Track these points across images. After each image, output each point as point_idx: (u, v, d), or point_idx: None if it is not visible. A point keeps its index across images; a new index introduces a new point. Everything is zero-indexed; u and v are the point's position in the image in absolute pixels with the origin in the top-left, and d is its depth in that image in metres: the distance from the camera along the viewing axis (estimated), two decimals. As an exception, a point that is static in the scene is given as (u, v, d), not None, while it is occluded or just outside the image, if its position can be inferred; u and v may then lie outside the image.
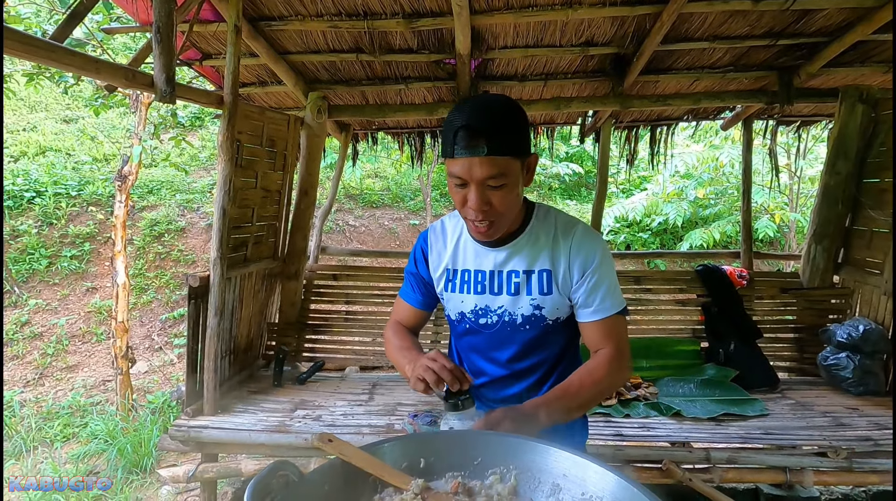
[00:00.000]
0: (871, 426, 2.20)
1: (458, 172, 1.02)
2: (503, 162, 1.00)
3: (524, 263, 1.17)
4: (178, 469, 2.34)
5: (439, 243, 1.27)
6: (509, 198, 1.06)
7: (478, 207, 1.03)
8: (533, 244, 1.17)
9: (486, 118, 1.00)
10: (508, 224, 1.14)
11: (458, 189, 1.05)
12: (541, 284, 1.17)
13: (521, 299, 1.18)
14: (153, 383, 4.54)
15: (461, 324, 1.26)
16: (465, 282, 1.23)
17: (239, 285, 2.53)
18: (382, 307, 3.15)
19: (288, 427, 2.17)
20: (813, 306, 2.96)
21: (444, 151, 1.05)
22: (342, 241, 6.87)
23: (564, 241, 1.16)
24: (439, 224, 1.30)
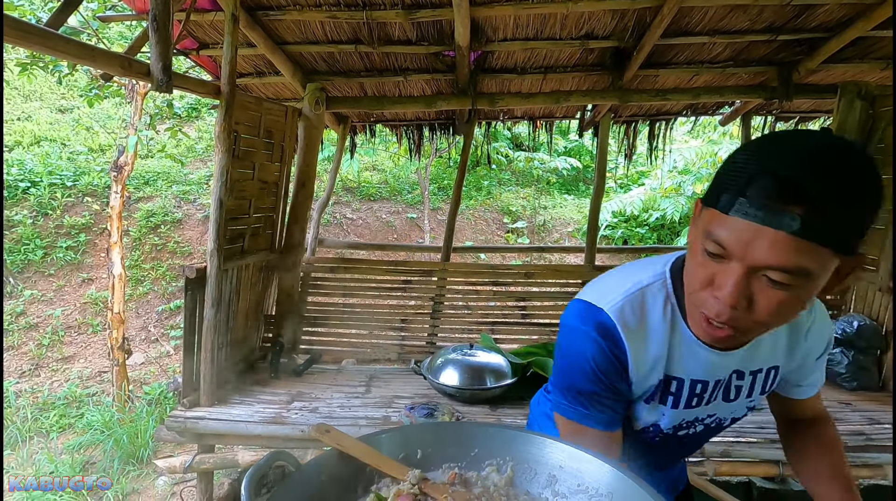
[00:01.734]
0: (863, 420, 2.22)
1: (726, 238, 0.62)
2: (816, 254, 0.59)
3: (756, 362, 0.86)
4: (175, 459, 2.35)
5: (646, 341, 0.81)
6: (789, 308, 0.65)
7: (732, 302, 0.64)
8: (771, 340, 0.85)
9: (820, 172, 0.58)
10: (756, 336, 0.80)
11: (708, 260, 0.66)
12: (764, 384, 0.90)
13: (739, 402, 0.90)
14: (149, 374, 4.54)
15: (643, 435, 0.92)
16: (671, 394, 0.86)
17: (236, 277, 2.53)
18: (380, 300, 3.15)
19: (284, 419, 2.18)
20: (808, 302, 2.97)
21: (714, 198, 0.65)
22: (339, 234, 6.85)
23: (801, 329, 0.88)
24: (630, 312, 0.80)
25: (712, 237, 0.64)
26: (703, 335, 0.75)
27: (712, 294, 0.67)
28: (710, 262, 0.66)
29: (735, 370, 0.86)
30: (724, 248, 0.63)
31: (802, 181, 0.57)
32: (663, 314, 0.81)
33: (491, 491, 0.95)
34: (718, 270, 0.65)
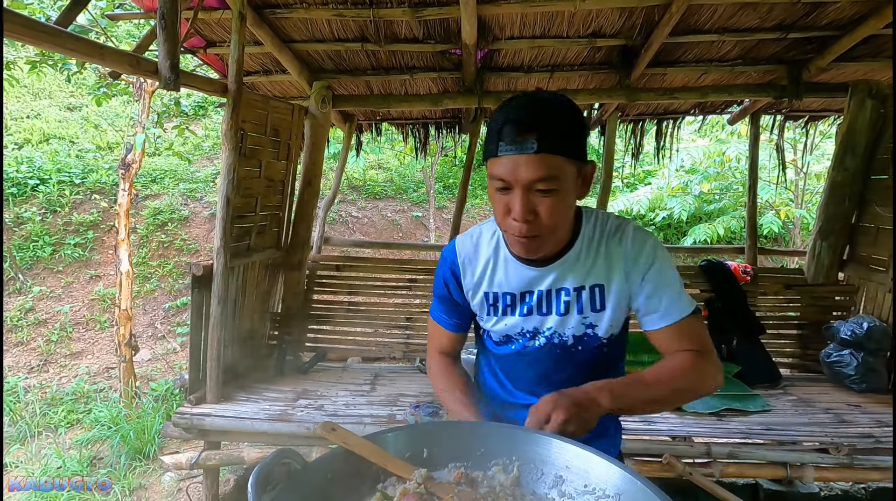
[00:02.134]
0: (872, 423, 2.20)
1: (501, 173, 0.89)
2: (555, 163, 0.87)
3: (575, 280, 1.05)
4: (181, 456, 2.36)
5: (473, 263, 1.11)
6: (559, 209, 0.92)
7: (522, 216, 0.90)
8: (584, 259, 1.04)
9: (537, 112, 0.88)
10: (555, 241, 1.01)
11: (499, 195, 0.92)
12: (592, 301, 1.05)
13: (571, 318, 1.07)
14: (156, 371, 4.57)
15: (506, 346, 1.14)
16: (508, 306, 1.10)
17: (242, 275, 2.53)
18: (385, 299, 3.15)
19: (290, 416, 2.18)
20: (817, 303, 2.95)
21: (487, 152, 0.92)
22: (345, 232, 6.87)
23: (617, 246, 1.04)
24: (469, 240, 1.12)
25: (495, 176, 0.91)
26: (519, 249, 1.00)
27: (511, 218, 0.93)
28: (502, 196, 0.93)
29: (559, 287, 1.06)
30: (504, 180, 0.90)
31: (530, 120, 0.87)
32: (489, 242, 1.10)
33: (497, 491, 0.95)
34: (508, 199, 0.92)
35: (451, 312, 1.18)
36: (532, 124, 0.86)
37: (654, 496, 0.82)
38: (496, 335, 1.15)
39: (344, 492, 0.89)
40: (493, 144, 0.90)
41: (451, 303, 1.17)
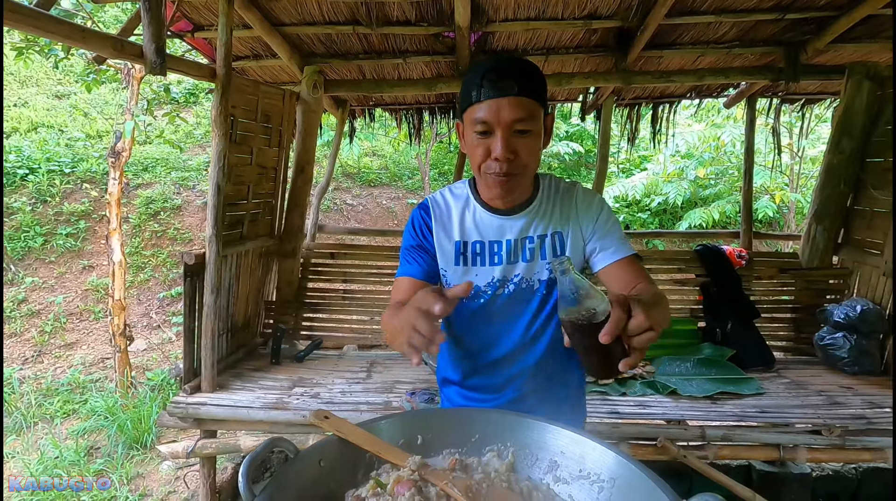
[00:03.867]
0: (865, 404, 2.22)
1: (483, 116, 1.00)
2: (532, 106, 1.01)
3: (539, 229, 1.17)
4: (178, 445, 2.36)
5: (444, 214, 1.20)
6: (534, 150, 1.05)
7: (503, 155, 1.01)
8: (544, 209, 1.18)
9: (513, 63, 1.01)
10: (528, 183, 1.14)
11: (479, 140, 1.03)
12: (553, 246, 1.17)
13: (537, 264, 1.17)
14: (152, 360, 4.56)
15: (475, 300, 1.20)
16: (477, 255, 1.18)
17: (235, 263, 2.51)
18: (380, 286, 3.14)
19: (286, 404, 2.18)
20: (811, 287, 2.96)
21: (466, 101, 1.03)
22: (340, 220, 6.82)
23: (570, 200, 1.18)
24: (440, 196, 1.23)
25: (478, 120, 1.01)
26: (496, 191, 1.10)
27: (493, 159, 1.03)
28: (482, 140, 1.03)
29: (523, 236, 1.16)
30: (486, 123, 1.00)
31: (509, 68, 1.00)
32: (459, 196, 1.21)
33: (492, 477, 0.94)
34: (489, 142, 1.02)
35: (418, 259, 1.20)
36: (511, 72, 0.99)
37: (648, 479, 0.82)
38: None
39: (338, 480, 0.89)
40: (475, 91, 1.00)
41: (418, 250, 1.20)
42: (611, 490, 0.87)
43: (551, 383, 1.25)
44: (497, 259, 1.18)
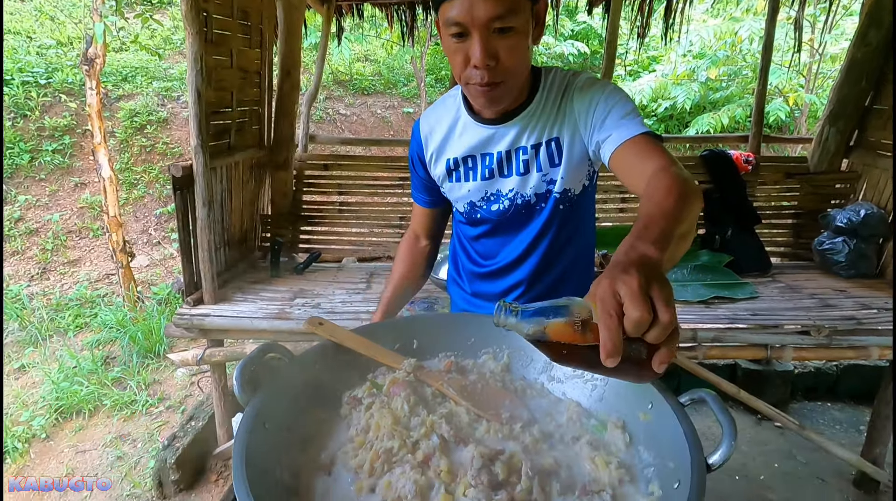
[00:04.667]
0: (856, 306, 2.26)
1: (456, 14, 0.85)
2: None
3: (533, 137, 1.06)
4: (187, 353, 2.45)
5: (435, 133, 1.15)
6: (518, 50, 0.91)
7: (482, 61, 0.88)
8: (541, 113, 1.05)
9: None
10: (517, 88, 1.01)
11: (456, 45, 0.90)
12: (550, 155, 1.06)
13: (531, 177, 1.09)
14: (156, 276, 4.63)
15: (472, 214, 1.18)
16: (469, 169, 1.14)
17: (226, 176, 2.43)
18: (376, 198, 3.08)
19: (288, 314, 2.22)
20: (817, 191, 2.90)
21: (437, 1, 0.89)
22: (333, 131, 6.58)
23: (568, 93, 1.04)
24: (433, 111, 1.17)
25: (450, 21, 0.87)
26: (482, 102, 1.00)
27: (472, 66, 0.91)
28: (459, 44, 0.90)
29: (517, 147, 1.07)
30: (460, 23, 0.86)
31: None
32: (451, 107, 1.12)
33: (487, 378, 0.96)
34: (466, 47, 0.89)
35: (421, 187, 1.25)
36: None
37: (641, 378, 0.83)
38: (462, 205, 1.18)
39: (334, 383, 0.91)
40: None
41: (418, 178, 1.24)
42: (604, 388, 0.89)
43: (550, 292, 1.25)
44: (488, 173, 1.11)
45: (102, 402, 3.04)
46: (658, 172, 0.83)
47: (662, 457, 0.73)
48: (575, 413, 0.87)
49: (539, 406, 0.91)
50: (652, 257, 0.59)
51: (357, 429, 0.81)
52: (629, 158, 0.92)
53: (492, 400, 0.88)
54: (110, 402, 3.03)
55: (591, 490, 0.71)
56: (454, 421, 0.82)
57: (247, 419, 0.71)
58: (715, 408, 0.69)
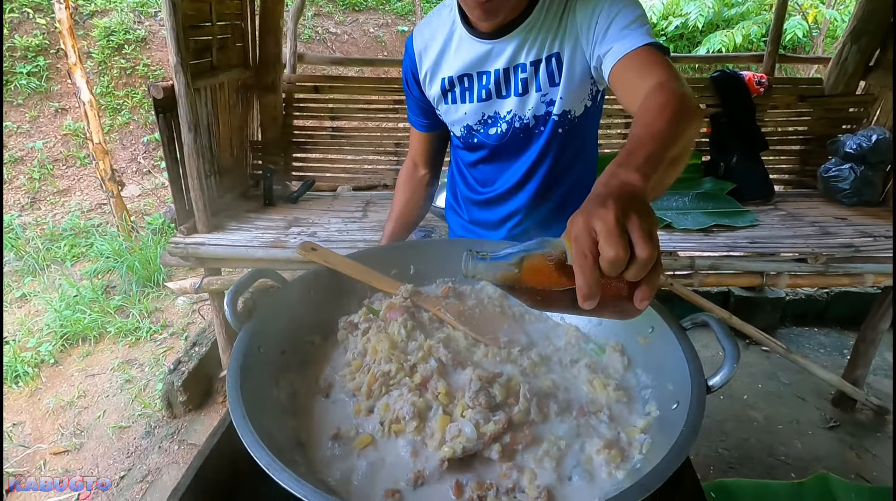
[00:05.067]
0: (855, 233, 2.25)
1: None
2: None
3: (532, 53, 1.00)
4: (186, 281, 2.45)
5: (429, 50, 1.08)
6: None
7: None
8: (541, 25, 0.98)
9: None
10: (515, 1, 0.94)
11: None
12: (550, 73, 1.00)
13: (530, 98, 1.03)
14: (149, 205, 4.56)
15: (469, 139, 1.14)
16: (465, 90, 1.07)
17: (210, 98, 2.30)
18: (370, 123, 2.95)
19: (284, 243, 2.20)
20: (829, 116, 2.79)
21: None
22: (324, 51, 6.21)
23: (570, 1, 0.96)
24: (426, 25, 1.09)
25: None
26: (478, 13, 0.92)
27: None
28: None
29: (516, 64, 1.01)
30: None
31: None
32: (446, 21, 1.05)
33: (485, 303, 0.95)
34: None
35: (415, 108, 1.20)
36: None
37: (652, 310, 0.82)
38: (458, 128, 1.13)
39: (329, 308, 0.89)
40: None
41: (413, 99, 1.18)
42: (603, 313, 0.88)
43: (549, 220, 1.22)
44: (485, 93, 1.05)
45: (106, 329, 3.09)
46: (654, 88, 0.75)
47: (661, 379, 0.73)
48: (573, 337, 0.87)
49: (537, 331, 0.90)
50: (634, 186, 0.53)
51: (354, 353, 0.80)
52: (628, 75, 0.85)
53: (490, 325, 0.88)
54: (114, 329, 3.08)
55: (588, 410, 0.71)
56: (452, 346, 0.82)
57: (240, 343, 0.70)
58: (717, 331, 0.68)
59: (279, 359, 0.76)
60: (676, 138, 0.64)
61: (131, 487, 2.17)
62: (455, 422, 0.68)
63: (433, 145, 1.26)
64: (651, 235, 0.47)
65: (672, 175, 0.63)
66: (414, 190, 1.28)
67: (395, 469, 0.65)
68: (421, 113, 1.19)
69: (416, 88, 1.15)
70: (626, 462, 0.66)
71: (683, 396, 0.64)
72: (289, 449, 0.64)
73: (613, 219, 0.47)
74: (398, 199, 1.28)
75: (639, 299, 0.50)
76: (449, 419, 0.69)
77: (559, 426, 0.70)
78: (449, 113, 1.12)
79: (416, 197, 1.28)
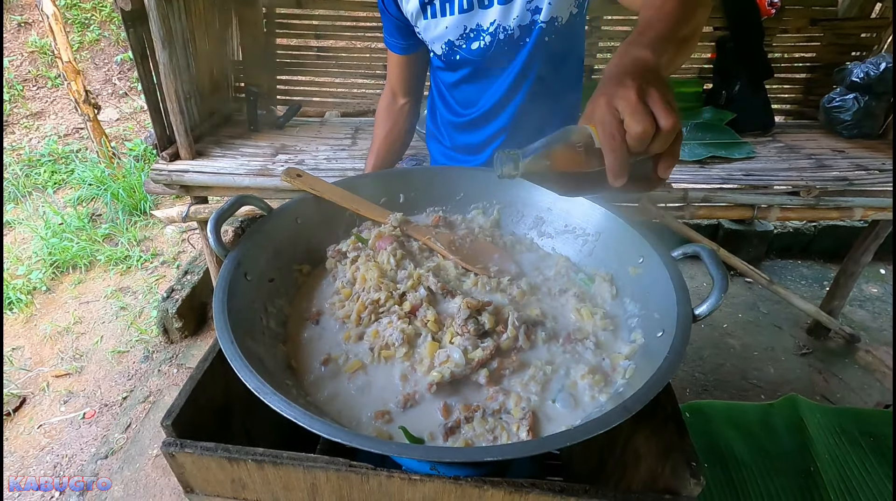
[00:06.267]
0: (851, 167, 2.22)
1: None
2: None
3: None
4: (172, 210, 2.40)
5: None
6: None
7: None
8: None
9: None
10: None
11: None
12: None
13: (515, 5, 0.97)
14: (128, 130, 4.38)
15: (451, 55, 1.07)
16: (445, 1, 1.00)
17: (184, 11, 2.13)
18: (358, 43, 2.78)
19: (271, 171, 2.13)
20: (839, 41, 2.66)
21: None
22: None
23: None
24: None
25: None
26: None
27: None
28: None
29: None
30: None
31: None
32: None
33: (475, 232, 0.94)
34: None
35: (392, 29, 1.13)
36: None
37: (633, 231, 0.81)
38: (439, 46, 1.07)
39: (317, 237, 0.87)
40: None
41: (389, 18, 1.11)
42: (594, 243, 0.88)
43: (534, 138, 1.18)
44: (466, 3, 0.99)
45: (96, 257, 3.08)
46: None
47: (648, 308, 0.74)
48: (563, 267, 0.87)
49: (528, 261, 0.90)
50: (647, 60, 0.55)
51: (343, 282, 0.80)
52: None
53: (480, 255, 0.87)
54: (104, 257, 3.07)
55: (575, 338, 0.73)
56: (442, 275, 0.81)
57: (225, 270, 0.69)
58: (708, 262, 0.68)
59: (267, 287, 0.75)
60: (687, 18, 0.65)
61: (134, 407, 2.26)
62: (444, 348, 0.69)
63: (412, 70, 1.20)
64: (672, 105, 0.50)
65: (683, 55, 0.65)
66: (395, 122, 1.23)
67: (385, 393, 0.67)
68: (398, 33, 1.13)
69: (392, 5, 1.08)
70: (609, 386, 0.68)
71: (669, 324, 0.65)
72: (279, 373, 0.65)
73: (635, 96, 0.49)
74: (378, 132, 1.23)
75: (663, 168, 0.54)
76: (438, 345, 0.70)
77: (546, 353, 0.71)
78: (428, 29, 1.06)
79: (397, 129, 1.23)
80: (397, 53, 1.16)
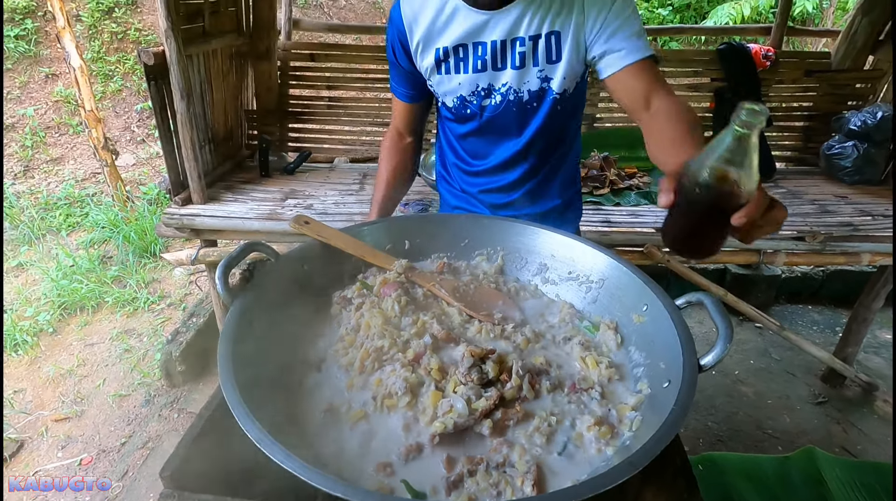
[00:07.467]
0: (855, 212, 2.24)
1: None
2: None
3: (532, 27, 0.99)
4: (182, 253, 2.44)
5: (420, 19, 1.04)
6: None
7: None
8: (541, 2, 0.97)
9: None
10: None
11: None
12: (548, 50, 1.00)
13: (528, 72, 1.02)
14: (143, 175, 4.51)
15: (462, 110, 1.11)
16: (460, 60, 1.04)
17: (203, 65, 2.25)
18: (367, 93, 2.89)
19: (280, 215, 2.18)
20: (835, 92, 2.74)
21: None
22: (320, 17, 6.04)
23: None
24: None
25: None
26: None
27: None
28: None
29: (513, 37, 1.00)
30: None
31: None
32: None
33: (480, 279, 0.94)
34: None
35: (401, 79, 1.16)
36: None
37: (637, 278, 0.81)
38: (451, 99, 1.10)
39: (322, 282, 0.88)
40: None
41: (399, 70, 1.14)
42: (598, 290, 0.88)
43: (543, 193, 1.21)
44: (480, 65, 1.03)
45: (104, 299, 3.10)
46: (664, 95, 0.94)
47: (654, 357, 0.73)
48: (568, 314, 0.87)
49: (532, 307, 0.90)
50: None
51: (347, 328, 0.80)
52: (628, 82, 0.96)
53: (484, 301, 0.87)
54: (112, 299, 3.09)
55: (580, 387, 0.72)
56: (446, 322, 0.82)
57: (232, 318, 0.69)
58: (712, 311, 0.68)
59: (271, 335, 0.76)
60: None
61: (132, 453, 2.21)
62: (447, 398, 0.68)
63: (417, 115, 1.24)
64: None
65: None
66: (400, 158, 1.26)
67: (387, 443, 0.65)
68: (407, 84, 1.16)
69: (404, 59, 1.11)
70: (615, 438, 0.66)
71: (675, 375, 0.64)
72: (281, 422, 0.65)
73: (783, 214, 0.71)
74: (384, 168, 1.25)
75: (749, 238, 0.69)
76: (441, 394, 0.69)
77: (550, 403, 0.70)
78: (442, 83, 1.09)
79: (403, 165, 1.26)
80: (404, 102, 1.20)
